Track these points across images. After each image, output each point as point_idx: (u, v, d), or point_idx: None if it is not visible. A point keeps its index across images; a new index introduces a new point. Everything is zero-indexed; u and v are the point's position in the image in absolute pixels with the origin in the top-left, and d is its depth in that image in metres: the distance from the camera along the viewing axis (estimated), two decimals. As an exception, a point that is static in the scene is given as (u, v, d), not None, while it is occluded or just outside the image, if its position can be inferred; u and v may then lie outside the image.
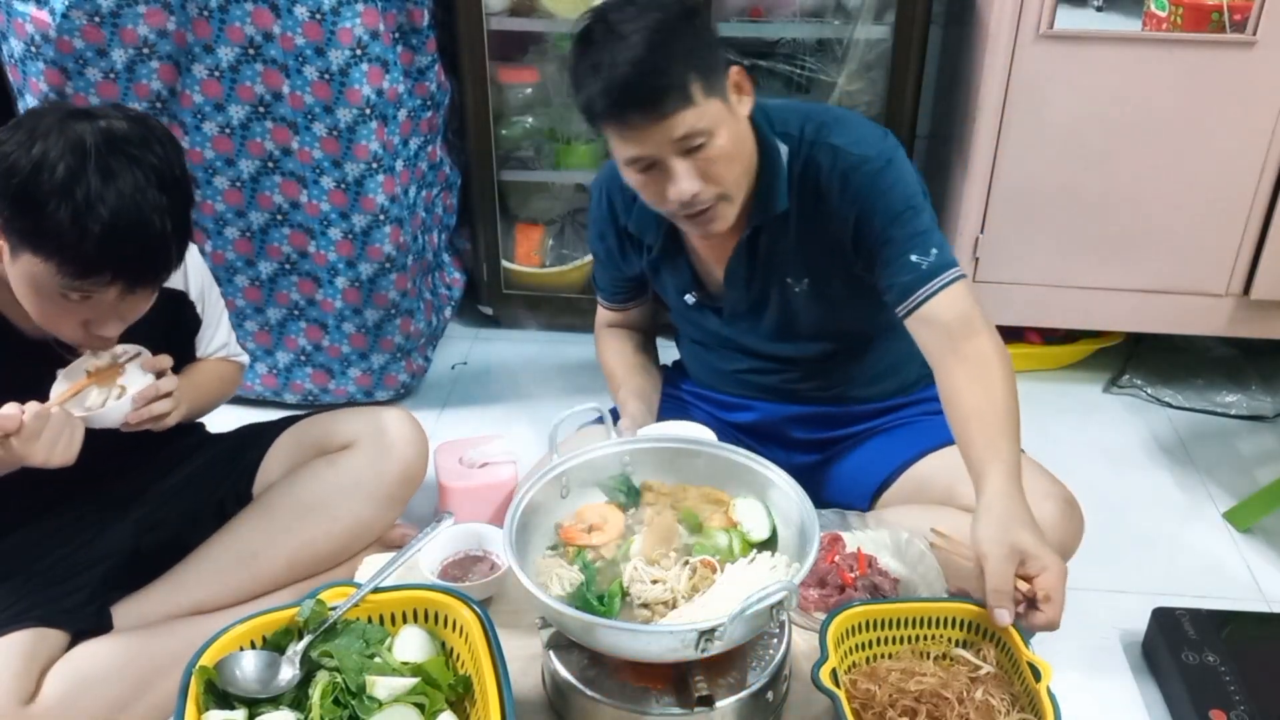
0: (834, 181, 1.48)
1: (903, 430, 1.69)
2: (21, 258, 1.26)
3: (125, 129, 1.26)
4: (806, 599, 1.31)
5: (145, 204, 1.24)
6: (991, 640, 1.18)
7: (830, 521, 1.45)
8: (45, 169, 1.21)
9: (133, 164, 1.24)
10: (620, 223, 1.68)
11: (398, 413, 1.77)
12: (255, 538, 1.61)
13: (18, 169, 1.22)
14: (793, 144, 1.52)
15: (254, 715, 1.05)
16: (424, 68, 2.25)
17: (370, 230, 2.19)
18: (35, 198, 1.21)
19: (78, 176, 1.21)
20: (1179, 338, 2.46)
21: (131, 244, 1.25)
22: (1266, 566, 1.93)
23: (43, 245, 1.23)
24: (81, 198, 1.21)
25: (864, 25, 2.30)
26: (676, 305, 1.72)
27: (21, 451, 1.26)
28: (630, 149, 1.39)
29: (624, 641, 1.06)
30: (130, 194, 1.23)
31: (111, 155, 1.23)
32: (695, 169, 1.39)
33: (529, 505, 1.22)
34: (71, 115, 1.25)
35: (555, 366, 2.60)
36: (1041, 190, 2.20)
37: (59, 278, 1.24)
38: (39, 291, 1.28)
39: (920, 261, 1.43)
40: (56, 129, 1.23)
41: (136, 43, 1.98)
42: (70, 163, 1.21)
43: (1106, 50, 2.06)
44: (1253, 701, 1.51)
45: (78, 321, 1.32)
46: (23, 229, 1.24)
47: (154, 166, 1.25)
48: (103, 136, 1.23)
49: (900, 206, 1.46)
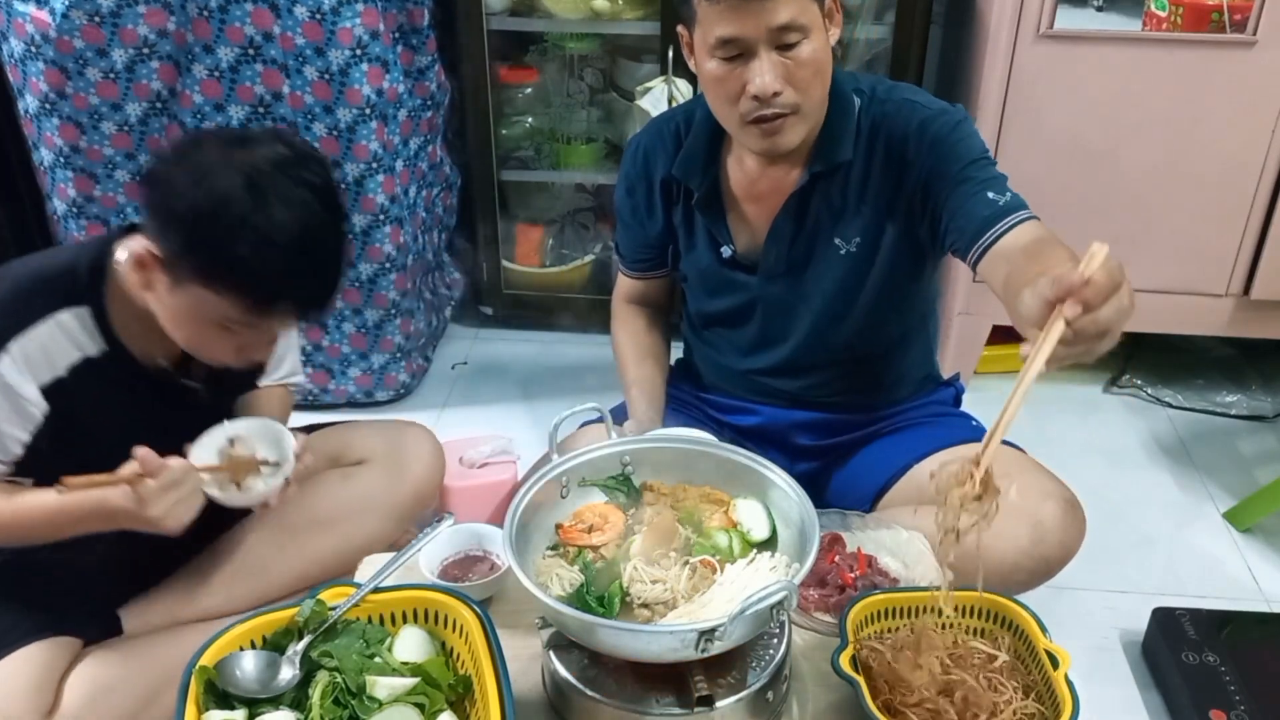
0: (911, 130, 1.47)
1: (903, 434, 1.69)
2: (189, 290, 1.23)
3: (285, 154, 1.24)
4: (806, 599, 1.31)
5: (317, 225, 1.23)
6: (1007, 628, 1.18)
7: (830, 522, 1.44)
8: (223, 205, 1.18)
9: (300, 188, 1.22)
10: (656, 175, 1.65)
11: (416, 430, 1.76)
12: (265, 549, 1.61)
13: (198, 208, 1.19)
14: (864, 99, 1.51)
15: (254, 715, 1.05)
16: (424, 68, 2.25)
17: (370, 230, 2.19)
18: (216, 234, 1.19)
19: (257, 210, 1.19)
20: (1179, 338, 2.46)
21: (309, 270, 1.24)
22: (1266, 566, 1.93)
23: (222, 280, 1.21)
24: (264, 230, 1.19)
25: (864, 25, 2.31)
26: (707, 265, 1.66)
27: (152, 500, 1.21)
28: (727, 27, 1.37)
29: (624, 641, 1.06)
30: (304, 220, 1.21)
31: (281, 183, 1.21)
32: (782, 68, 1.38)
33: (529, 505, 1.21)
34: (230, 144, 1.23)
35: (555, 366, 2.60)
36: (1041, 190, 2.18)
37: (235, 311, 1.23)
38: (201, 323, 1.26)
39: (997, 199, 1.38)
40: (222, 163, 1.20)
41: (136, 43, 1.98)
42: (248, 197, 1.19)
43: (1106, 50, 2.06)
44: (1253, 701, 1.51)
45: (232, 348, 1.30)
46: (199, 265, 1.21)
47: (317, 187, 1.24)
48: (269, 164, 1.21)
49: (978, 154, 1.44)
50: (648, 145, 1.67)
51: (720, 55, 1.40)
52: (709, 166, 1.59)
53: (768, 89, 1.38)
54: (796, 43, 1.38)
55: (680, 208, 1.65)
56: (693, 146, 1.59)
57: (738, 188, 1.60)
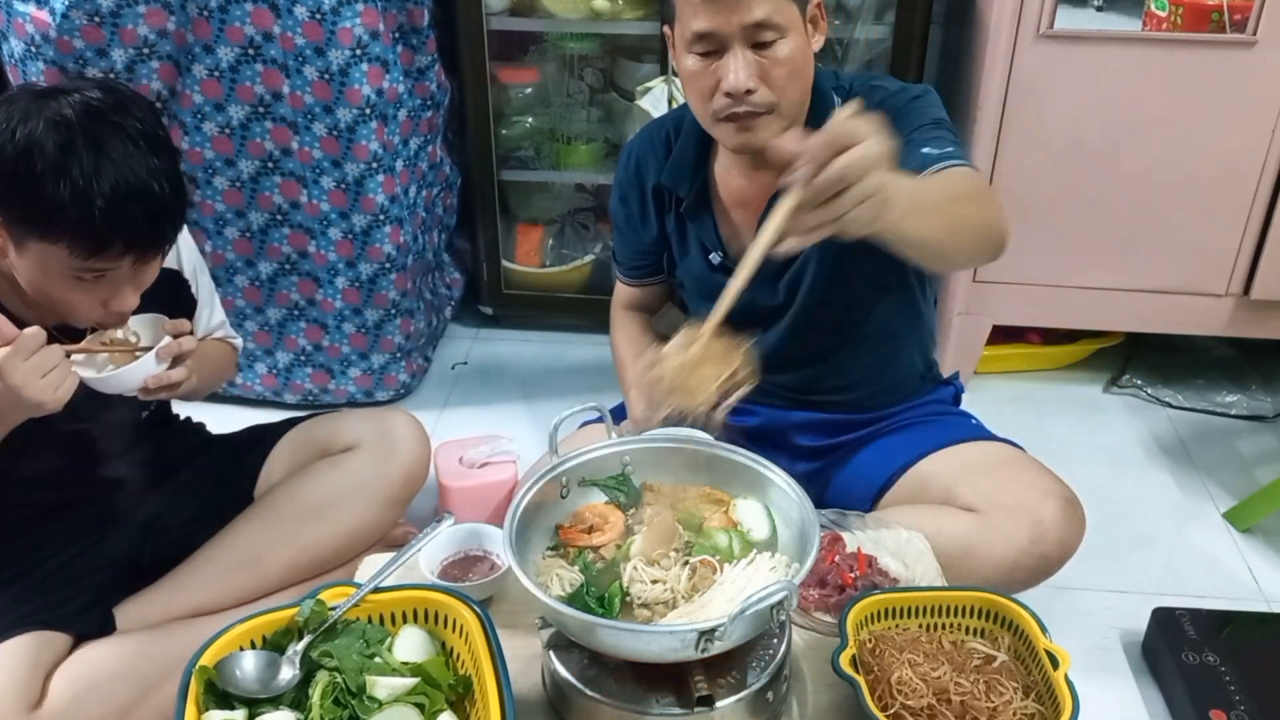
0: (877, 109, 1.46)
1: (903, 433, 1.69)
2: (28, 247, 1.25)
3: (100, 98, 1.25)
4: (806, 599, 1.31)
5: (140, 169, 1.23)
6: (1007, 628, 1.19)
7: (830, 521, 1.44)
8: (34, 151, 1.20)
9: (118, 132, 1.23)
10: (648, 182, 1.66)
11: (402, 415, 1.77)
12: (258, 540, 1.61)
13: (5, 156, 1.20)
14: (843, 95, 1.52)
15: (254, 715, 1.05)
16: (424, 68, 2.25)
17: (370, 230, 2.19)
18: (31, 181, 1.20)
19: (69, 153, 1.20)
20: (1179, 338, 2.46)
21: (137, 211, 1.24)
22: (1266, 566, 1.93)
23: (49, 229, 1.22)
24: (78, 173, 1.20)
25: (864, 25, 2.31)
26: (699, 271, 1.67)
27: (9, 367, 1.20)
28: (702, 21, 1.38)
29: (624, 641, 1.06)
30: (124, 161, 1.22)
31: (96, 126, 1.22)
32: (756, 66, 1.39)
33: (529, 505, 1.21)
34: (42, 94, 1.24)
35: (555, 366, 2.60)
36: (1041, 190, 2.20)
37: (71, 259, 1.23)
38: (52, 278, 1.27)
39: (931, 152, 1.37)
40: (33, 110, 1.21)
41: (136, 43, 1.98)
42: (58, 140, 1.20)
43: (1106, 50, 2.06)
44: (1253, 701, 1.51)
45: (95, 301, 1.31)
46: (25, 216, 1.23)
47: (139, 131, 1.25)
48: (82, 109, 1.22)
49: (928, 119, 1.44)
50: (639, 152, 1.67)
51: (696, 50, 1.41)
52: (697, 173, 1.59)
53: (740, 85, 1.39)
54: (772, 41, 1.38)
55: (672, 214, 1.66)
56: (681, 153, 1.59)
57: (725, 193, 1.60)
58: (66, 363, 1.27)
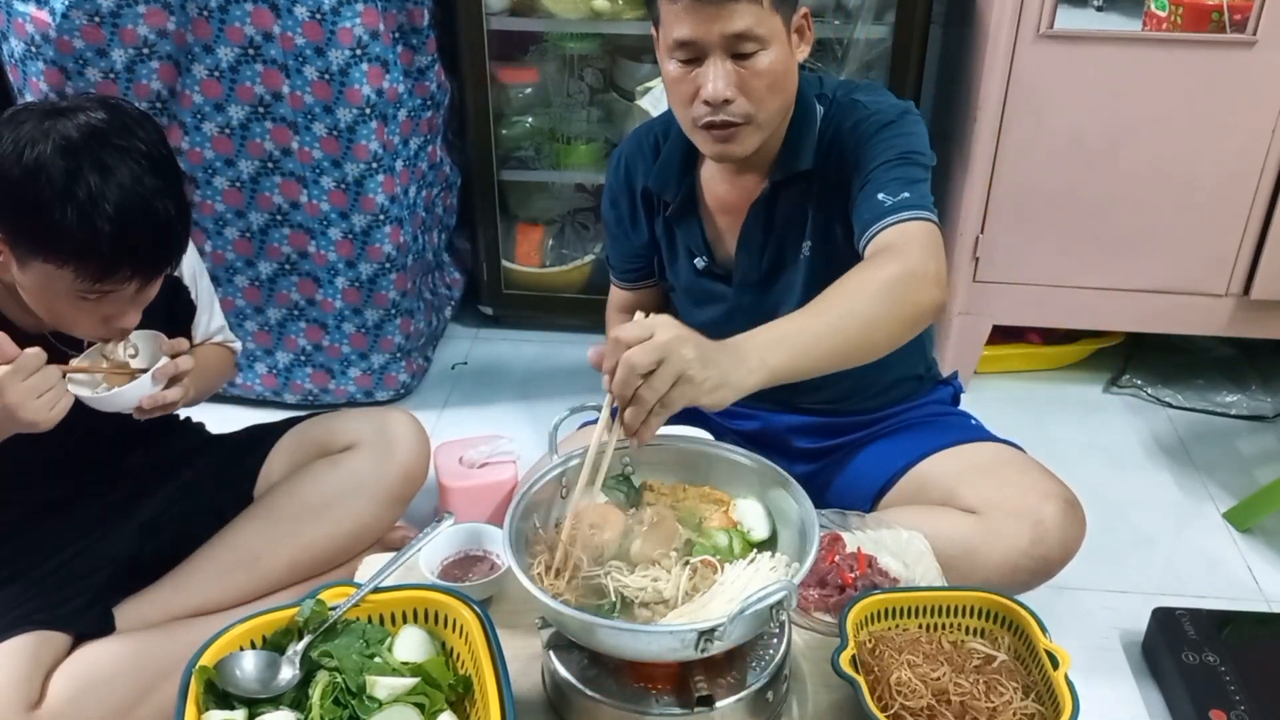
0: (847, 130, 1.47)
1: (903, 434, 1.69)
2: (32, 266, 1.25)
3: (105, 119, 1.25)
4: (806, 599, 1.30)
5: (146, 191, 1.24)
6: (1007, 628, 1.19)
7: (830, 521, 1.44)
8: (40, 175, 1.20)
9: (123, 154, 1.23)
10: (637, 186, 1.66)
11: (401, 414, 1.77)
12: (257, 540, 1.61)
13: (12, 179, 1.21)
14: (826, 104, 1.51)
15: (254, 715, 1.05)
16: (424, 68, 2.25)
17: (370, 230, 2.19)
18: (37, 206, 1.20)
19: (75, 178, 1.20)
20: (1179, 338, 2.46)
21: (143, 236, 1.24)
22: (1266, 566, 1.93)
23: (55, 253, 1.22)
24: (85, 197, 1.20)
25: (864, 25, 2.30)
26: (686, 277, 1.68)
27: (6, 386, 1.21)
28: (683, 29, 1.37)
29: (624, 641, 1.06)
30: (130, 185, 1.23)
31: (101, 149, 1.22)
32: (736, 76, 1.38)
33: (529, 505, 1.21)
34: (48, 115, 1.24)
35: (555, 366, 2.60)
36: (1041, 190, 2.20)
37: (77, 282, 1.24)
38: (55, 297, 1.28)
39: (885, 200, 1.35)
40: (39, 134, 1.22)
41: (136, 43, 1.98)
42: (64, 165, 1.20)
43: (1106, 50, 2.06)
44: (1253, 701, 1.51)
45: (97, 319, 1.32)
46: (30, 239, 1.23)
47: (143, 153, 1.25)
48: (88, 132, 1.23)
49: (894, 154, 1.42)
50: (629, 155, 1.67)
51: (678, 57, 1.41)
52: (683, 178, 1.59)
53: (718, 95, 1.38)
54: (753, 53, 1.38)
55: (661, 219, 1.66)
56: (668, 157, 1.59)
57: (710, 198, 1.60)
58: (63, 383, 1.28)
